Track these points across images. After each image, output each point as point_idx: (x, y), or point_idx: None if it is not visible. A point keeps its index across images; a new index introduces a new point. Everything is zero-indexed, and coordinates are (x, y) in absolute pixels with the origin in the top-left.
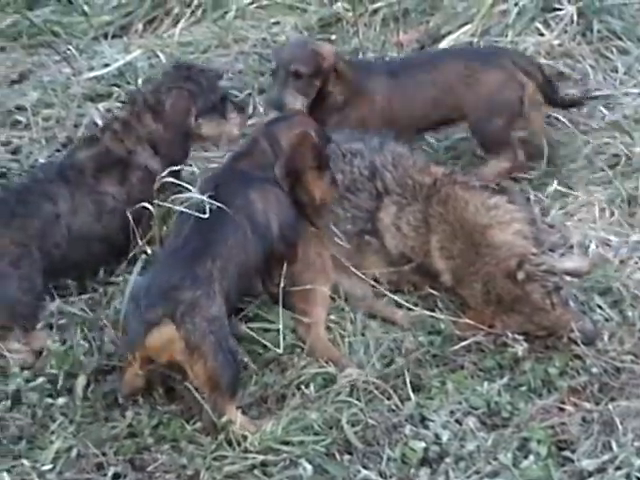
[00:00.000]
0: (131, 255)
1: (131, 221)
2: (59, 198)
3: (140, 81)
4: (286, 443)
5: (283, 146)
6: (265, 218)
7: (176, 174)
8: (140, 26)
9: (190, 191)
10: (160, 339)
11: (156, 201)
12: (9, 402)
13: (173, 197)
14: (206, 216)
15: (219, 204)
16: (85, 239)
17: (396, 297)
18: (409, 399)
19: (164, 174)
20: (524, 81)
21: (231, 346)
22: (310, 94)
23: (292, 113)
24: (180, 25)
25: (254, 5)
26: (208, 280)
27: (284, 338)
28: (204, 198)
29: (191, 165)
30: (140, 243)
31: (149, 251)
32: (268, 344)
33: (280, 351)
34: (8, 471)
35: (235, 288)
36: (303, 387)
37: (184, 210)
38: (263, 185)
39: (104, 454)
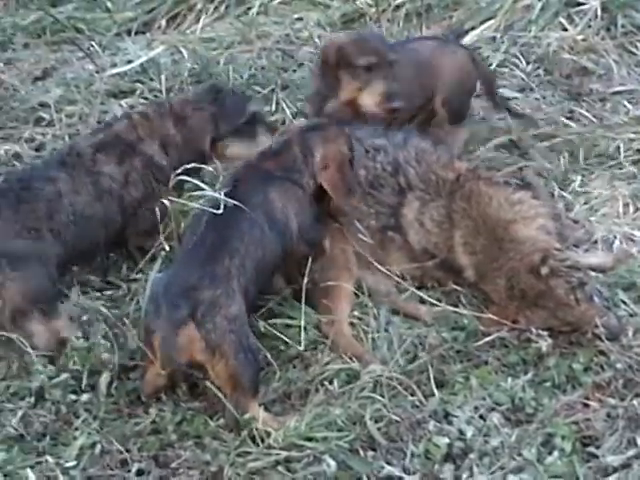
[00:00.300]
0: (152, 252)
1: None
2: (60, 180)
3: (163, 77)
4: (310, 439)
5: (316, 159)
6: (284, 216)
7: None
8: (163, 22)
9: (203, 189)
10: (181, 339)
11: (171, 197)
12: (33, 399)
13: (188, 194)
14: (220, 212)
15: (234, 201)
16: (89, 222)
17: (420, 293)
18: (433, 395)
19: (178, 171)
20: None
21: (251, 344)
22: None
23: (327, 124)
24: (203, 21)
25: (277, 1)
26: (226, 278)
27: (307, 334)
28: (218, 195)
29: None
30: (161, 239)
31: (167, 247)
32: (289, 340)
33: (301, 347)
34: (32, 467)
35: (253, 285)
36: (327, 383)
37: (200, 207)
38: (284, 184)
39: (128, 450)
